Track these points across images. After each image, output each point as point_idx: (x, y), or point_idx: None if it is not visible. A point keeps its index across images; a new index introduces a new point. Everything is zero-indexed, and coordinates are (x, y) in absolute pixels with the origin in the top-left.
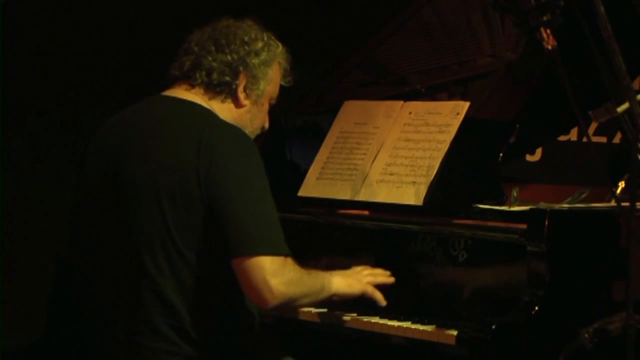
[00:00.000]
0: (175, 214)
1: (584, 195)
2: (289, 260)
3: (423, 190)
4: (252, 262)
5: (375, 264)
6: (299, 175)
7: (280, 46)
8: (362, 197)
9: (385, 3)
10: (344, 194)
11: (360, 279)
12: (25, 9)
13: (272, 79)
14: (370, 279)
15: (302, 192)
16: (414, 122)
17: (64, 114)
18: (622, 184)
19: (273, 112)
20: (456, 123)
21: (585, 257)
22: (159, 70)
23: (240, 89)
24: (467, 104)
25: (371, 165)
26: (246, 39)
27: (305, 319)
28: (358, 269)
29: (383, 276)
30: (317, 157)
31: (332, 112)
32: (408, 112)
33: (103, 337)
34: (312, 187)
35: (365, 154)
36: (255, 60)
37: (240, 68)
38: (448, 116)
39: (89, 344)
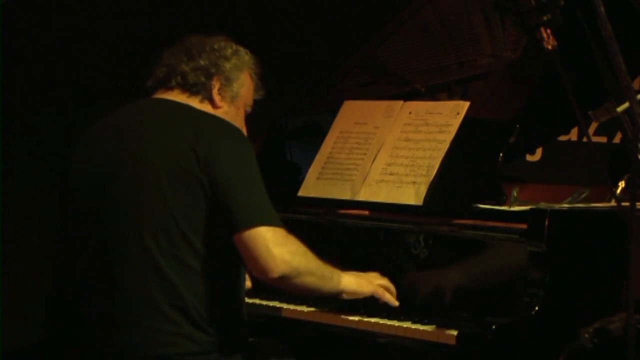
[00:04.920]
0: (176, 195)
1: (584, 195)
2: (292, 236)
3: (423, 190)
4: (254, 232)
5: (375, 264)
6: (299, 175)
7: (249, 54)
8: (362, 197)
9: (385, 3)
10: (344, 194)
11: (371, 281)
12: (25, 9)
13: (244, 83)
14: (383, 282)
15: (302, 192)
16: (414, 122)
17: (64, 113)
18: (622, 184)
19: (273, 112)
20: (456, 123)
21: (585, 257)
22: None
23: (215, 91)
24: (467, 104)
25: (371, 165)
26: (215, 46)
27: (305, 318)
28: (372, 274)
29: (390, 294)
30: (317, 157)
31: (332, 112)
32: (408, 112)
33: (105, 318)
34: (312, 187)
35: (365, 154)
36: (227, 64)
37: (213, 70)
38: (448, 116)
39: (91, 325)
